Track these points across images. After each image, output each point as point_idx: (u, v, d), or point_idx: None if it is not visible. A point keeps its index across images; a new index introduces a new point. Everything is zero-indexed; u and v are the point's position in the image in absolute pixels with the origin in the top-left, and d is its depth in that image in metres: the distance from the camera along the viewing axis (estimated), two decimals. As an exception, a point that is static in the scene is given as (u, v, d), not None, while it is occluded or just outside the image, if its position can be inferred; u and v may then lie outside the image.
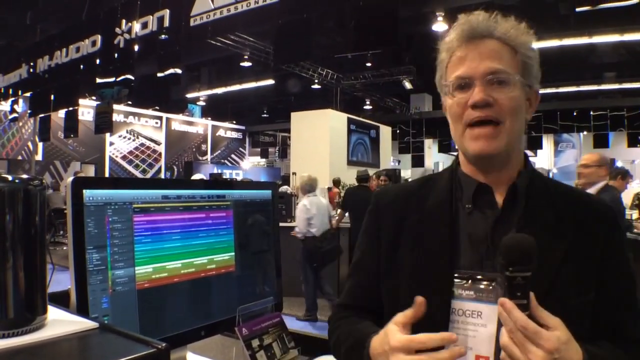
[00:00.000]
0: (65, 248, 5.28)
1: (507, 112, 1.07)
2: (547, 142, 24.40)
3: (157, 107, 19.77)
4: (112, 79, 9.49)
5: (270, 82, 18.14)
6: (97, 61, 9.57)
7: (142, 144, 21.17)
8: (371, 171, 9.88)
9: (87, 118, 16.05)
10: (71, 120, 11.57)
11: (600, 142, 20.04)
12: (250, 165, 27.66)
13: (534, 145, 21.15)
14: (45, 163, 17.09)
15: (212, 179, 15.77)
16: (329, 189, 12.75)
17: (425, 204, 1.20)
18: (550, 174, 23.30)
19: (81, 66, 9.96)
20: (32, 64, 11.52)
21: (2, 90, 12.78)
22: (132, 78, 9.19)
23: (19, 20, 12.61)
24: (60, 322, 0.90)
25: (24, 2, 11.99)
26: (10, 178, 0.85)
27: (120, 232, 1.18)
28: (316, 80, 18.00)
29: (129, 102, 18.17)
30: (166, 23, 8.07)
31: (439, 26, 11.58)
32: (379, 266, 1.21)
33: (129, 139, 20.64)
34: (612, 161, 19.98)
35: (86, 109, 15.81)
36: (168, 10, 8.04)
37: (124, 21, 8.82)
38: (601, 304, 1.05)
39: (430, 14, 11.94)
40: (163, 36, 8.18)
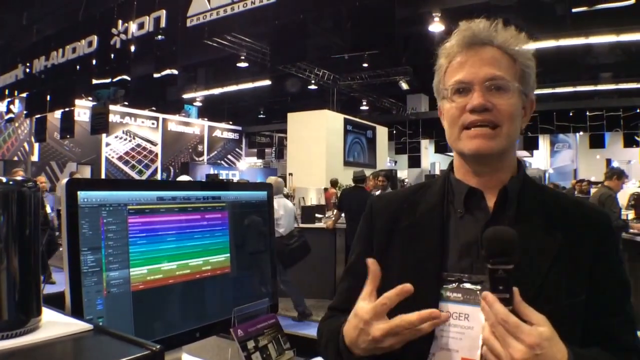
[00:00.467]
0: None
1: (504, 117, 1.08)
2: (543, 142, 24.46)
3: (153, 108, 19.74)
4: (109, 80, 9.49)
5: (267, 82, 18.12)
6: (94, 62, 9.56)
7: (138, 145, 21.12)
8: (367, 172, 9.89)
9: (83, 119, 16.00)
10: (67, 121, 11.56)
11: (597, 143, 20.09)
12: (247, 166, 27.65)
13: (530, 145, 21.19)
14: (41, 164, 17.04)
15: (207, 180, 15.78)
16: (325, 189, 12.75)
17: (418, 209, 1.21)
18: (547, 174, 23.36)
19: (77, 67, 9.95)
20: (28, 64, 11.50)
21: (-2, 91, 12.76)
22: (128, 79, 9.18)
23: (15, 20, 12.58)
24: (54, 324, 0.89)
25: (20, 2, 11.96)
26: (4, 180, 0.85)
27: (115, 234, 1.18)
28: (313, 81, 17.97)
29: (125, 103, 18.13)
30: (163, 24, 8.06)
31: (436, 27, 11.59)
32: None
33: (125, 139, 20.59)
34: (609, 161, 20.08)
35: (82, 109, 15.77)
36: (164, 11, 8.04)
37: (120, 22, 8.81)
38: (592, 309, 1.06)
39: (427, 14, 11.93)
40: (159, 37, 8.17)
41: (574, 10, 10.48)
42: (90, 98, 12.31)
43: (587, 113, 19.64)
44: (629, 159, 20.65)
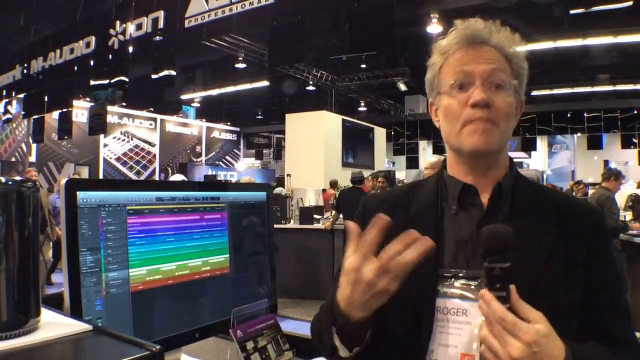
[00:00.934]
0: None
1: (502, 116, 1.09)
2: (541, 143, 24.45)
3: (151, 109, 19.74)
4: (106, 81, 9.49)
5: (265, 83, 18.11)
6: (91, 62, 9.57)
7: (136, 146, 21.09)
8: (365, 173, 9.89)
9: (81, 119, 16.00)
10: (65, 122, 11.55)
11: (594, 144, 20.13)
12: (245, 166, 27.63)
13: (528, 146, 21.23)
14: (39, 164, 16.99)
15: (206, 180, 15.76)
16: (323, 190, 12.75)
17: (412, 207, 1.21)
18: (544, 176, 23.36)
19: (75, 67, 9.95)
20: (26, 65, 11.49)
21: (-4, 92, 12.75)
22: (126, 79, 9.19)
23: (12, 21, 12.56)
24: (53, 325, 0.89)
25: (18, 3, 11.95)
26: (3, 180, 0.85)
27: (114, 234, 1.18)
28: (311, 82, 17.97)
29: (123, 104, 18.17)
30: (161, 24, 8.06)
31: (434, 28, 11.60)
32: None
33: (123, 140, 20.56)
34: (606, 163, 20.09)
35: (80, 110, 15.76)
36: (162, 12, 8.04)
37: (118, 22, 8.81)
38: (587, 304, 1.07)
39: (425, 15, 11.95)
40: (157, 37, 8.17)
41: (571, 11, 10.53)
42: (88, 99, 12.33)
43: (585, 114, 19.70)
44: (626, 160, 20.65)
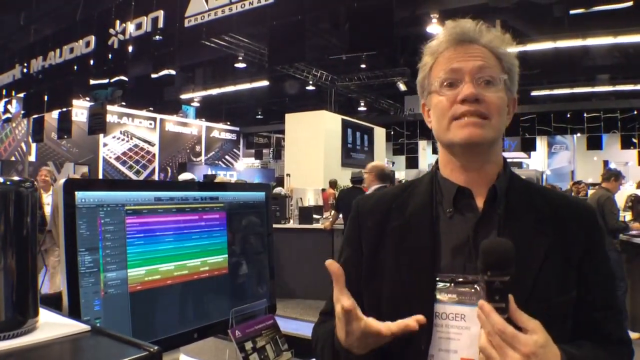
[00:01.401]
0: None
1: (493, 109, 1.09)
2: (540, 143, 24.48)
3: (151, 108, 19.74)
4: (106, 80, 9.48)
5: (265, 83, 18.11)
6: (91, 62, 9.55)
7: (136, 145, 21.08)
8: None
9: (81, 119, 15.98)
10: (65, 121, 11.53)
11: (594, 144, 20.15)
12: (245, 166, 27.63)
13: (528, 147, 21.24)
14: (38, 164, 16.97)
15: (205, 180, 15.72)
16: (323, 190, 12.75)
17: (406, 209, 1.20)
18: (544, 176, 23.37)
19: (75, 67, 9.93)
20: (25, 64, 11.48)
21: (-4, 91, 12.74)
22: (126, 79, 9.17)
23: (12, 20, 12.56)
24: (51, 325, 0.89)
25: (18, 2, 11.94)
26: (1, 180, 0.85)
27: (113, 234, 1.18)
28: (311, 82, 17.97)
29: (123, 103, 18.16)
30: (160, 24, 8.05)
31: (434, 28, 11.59)
32: (361, 272, 1.21)
33: (123, 140, 20.55)
34: (606, 163, 20.06)
35: (80, 109, 15.75)
36: (162, 11, 8.03)
37: (118, 22, 8.80)
38: (582, 303, 1.07)
39: (425, 15, 11.96)
40: (157, 37, 8.16)
41: (571, 12, 10.54)
42: (87, 98, 12.29)
43: (585, 115, 19.71)
44: (626, 160, 20.66)
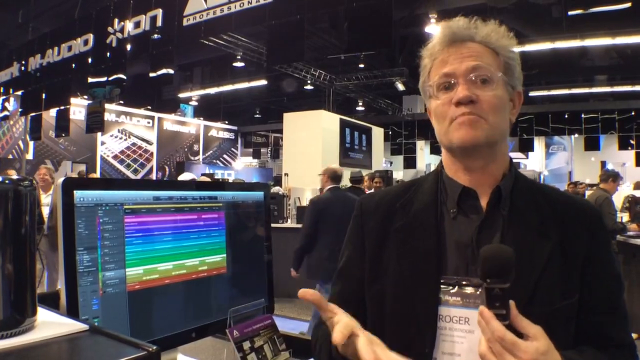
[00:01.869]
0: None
1: (490, 110, 1.08)
2: (538, 144, 24.50)
3: (149, 107, 19.70)
4: (104, 78, 9.47)
5: (263, 82, 18.12)
6: (89, 60, 9.55)
7: (133, 144, 21.05)
8: (363, 172, 9.87)
9: (79, 117, 15.94)
10: (62, 119, 11.52)
11: (592, 145, 20.17)
12: (243, 165, 27.60)
13: (526, 147, 21.24)
14: (36, 162, 16.94)
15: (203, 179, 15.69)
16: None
17: (411, 209, 1.20)
18: (542, 176, 23.39)
19: (73, 65, 9.93)
20: (23, 62, 11.47)
21: (-6, 89, 12.73)
22: (124, 77, 9.17)
23: (11, 18, 12.55)
24: (49, 324, 0.89)
25: (16, 0, 11.93)
26: (0, 179, 0.85)
27: (111, 234, 1.17)
28: (309, 81, 17.98)
29: (121, 102, 18.10)
30: (159, 22, 8.06)
31: (432, 28, 11.61)
32: (364, 272, 1.21)
33: (121, 138, 20.52)
34: (604, 164, 20.09)
35: (78, 108, 15.71)
36: (161, 10, 8.03)
37: (116, 20, 8.80)
38: (585, 306, 1.06)
39: (424, 15, 11.98)
40: (156, 36, 8.17)
41: (569, 12, 10.55)
42: (85, 96, 12.29)
43: (583, 115, 19.73)
44: (623, 161, 20.68)
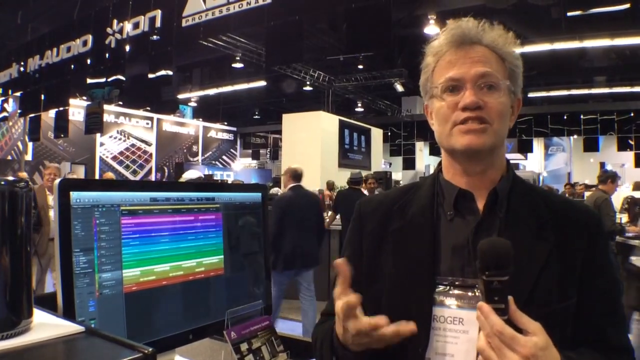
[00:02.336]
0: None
1: (495, 115, 1.08)
2: (537, 145, 24.52)
3: (148, 108, 19.71)
4: (103, 79, 9.48)
5: (262, 83, 18.13)
6: (88, 61, 9.55)
7: (132, 145, 21.07)
8: (363, 173, 9.88)
9: (78, 118, 15.95)
10: (61, 120, 11.53)
11: (591, 146, 20.19)
12: (242, 166, 27.61)
13: (525, 148, 21.27)
14: (35, 163, 16.96)
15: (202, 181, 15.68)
16: (320, 191, 12.76)
17: (408, 211, 1.20)
18: (541, 177, 23.41)
19: (72, 66, 9.94)
20: (22, 63, 11.47)
21: (-8, 90, 12.73)
22: (123, 78, 9.17)
23: (10, 19, 12.54)
24: (45, 326, 0.88)
25: (16, 1, 11.92)
26: (-5, 180, 0.84)
27: (108, 235, 1.17)
28: (308, 82, 17.98)
29: (120, 103, 18.10)
30: (158, 23, 8.05)
31: (431, 29, 11.61)
32: (360, 274, 1.20)
33: (120, 139, 20.53)
34: (602, 165, 20.10)
35: (77, 109, 15.71)
36: (160, 11, 8.03)
37: (115, 21, 8.80)
38: (583, 309, 1.05)
39: (423, 16, 11.98)
40: (154, 37, 8.16)
41: (569, 14, 10.54)
42: (84, 97, 12.31)
43: (581, 116, 19.76)
44: (622, 162, 20.71)
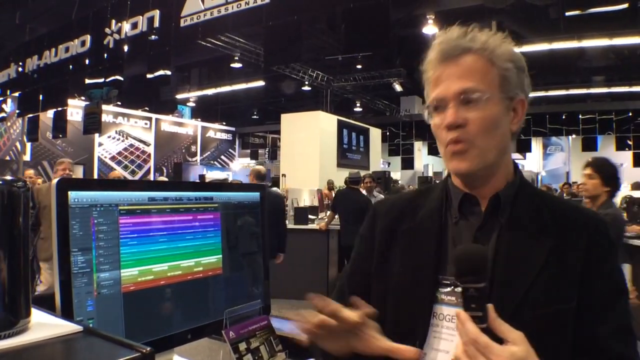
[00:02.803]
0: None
1: (477, 133, 1.07)
2: (536, 145, 24.53)
3: (146, 108, 19.69)
4: (102, 80, 9.47)
5: (261, 83, 18.11)
6: (87, 61, 9.55)
7: (131, 145, 21.03)
8: (361, 173, 9.89)
9: (76, 118, 15.91)
10: (60, 121, 11.53)
11: (589, 146, 20.18)
12: (240, 166, 27.59)
13: (523, 148, 21.27)
14: (33, 163, 16.93)
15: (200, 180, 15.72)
16: (319, 190, 12.76)
17: (418, 213, 1.23)
18: (539, 177, 23.43)
19: (70, 66, 9.93)
20: (21, 63, 11.47)
21: (-9, 90, 12.72)
22: (121, 79, 9.17)
23: (8, 19, 12.52)
24: (43, 326, 0.88)
25: (14, 1, 11.91)
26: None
27: (106, 234, 1.17)
28: (306, 82, 17.96)
29: (118, 103, 18.10)
30: (156, 23, 8.05)
31: (430, 29, 11.62)
32: (370, 268, 1.24)
33: (118, 139, 20.50)
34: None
35: (75, 109, 15.68)
36: (158, 11, 8.03)
37: (113, 21, 8.80)
38: (581, 316, 1.03)
39: (421, 16, 11.97)
40: (153, 37, 8.16)
41: (567, 13, 10.54)
42: (83, 98, 12.28)
43: (580, 116, 19.76)
44: (621, 162, 20.71)
